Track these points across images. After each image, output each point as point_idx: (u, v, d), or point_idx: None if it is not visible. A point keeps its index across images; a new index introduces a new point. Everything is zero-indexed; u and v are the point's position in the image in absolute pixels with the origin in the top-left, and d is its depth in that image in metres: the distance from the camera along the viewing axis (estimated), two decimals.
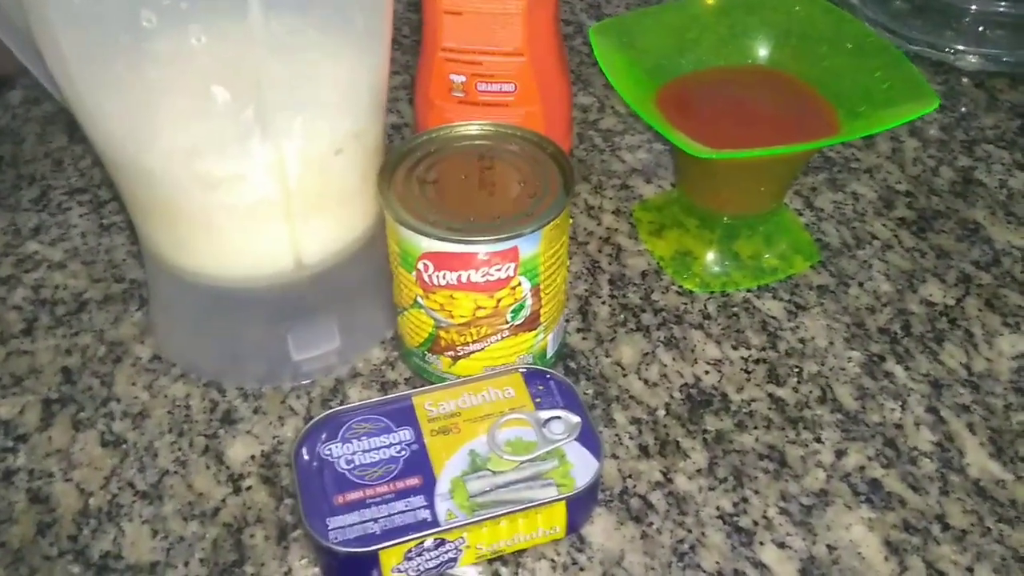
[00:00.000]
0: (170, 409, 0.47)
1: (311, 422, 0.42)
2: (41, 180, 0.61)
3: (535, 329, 0.46)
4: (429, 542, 0.39)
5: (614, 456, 0.45)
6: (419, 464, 0.41)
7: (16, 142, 0.64)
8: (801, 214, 0.58)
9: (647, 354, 0.50)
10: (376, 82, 0.44)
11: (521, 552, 0.41)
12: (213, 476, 0.44)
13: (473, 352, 0.45)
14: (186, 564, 0.41)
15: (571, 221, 0.55)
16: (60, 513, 0.43)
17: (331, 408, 0.47)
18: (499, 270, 0.42)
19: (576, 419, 0.42)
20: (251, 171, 0.40)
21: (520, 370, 0.45)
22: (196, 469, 0.45)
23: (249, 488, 0.44)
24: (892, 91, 0.49)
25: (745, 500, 0.43)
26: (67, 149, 0.63)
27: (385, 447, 0.42)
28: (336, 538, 0.38)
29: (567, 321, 0.51)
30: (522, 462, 0.41)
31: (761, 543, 0.42)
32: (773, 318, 0.52)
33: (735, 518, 0.42)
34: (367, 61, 0.42)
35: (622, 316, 0.52)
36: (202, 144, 0.39)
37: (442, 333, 0.45)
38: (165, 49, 0.36)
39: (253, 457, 0.45)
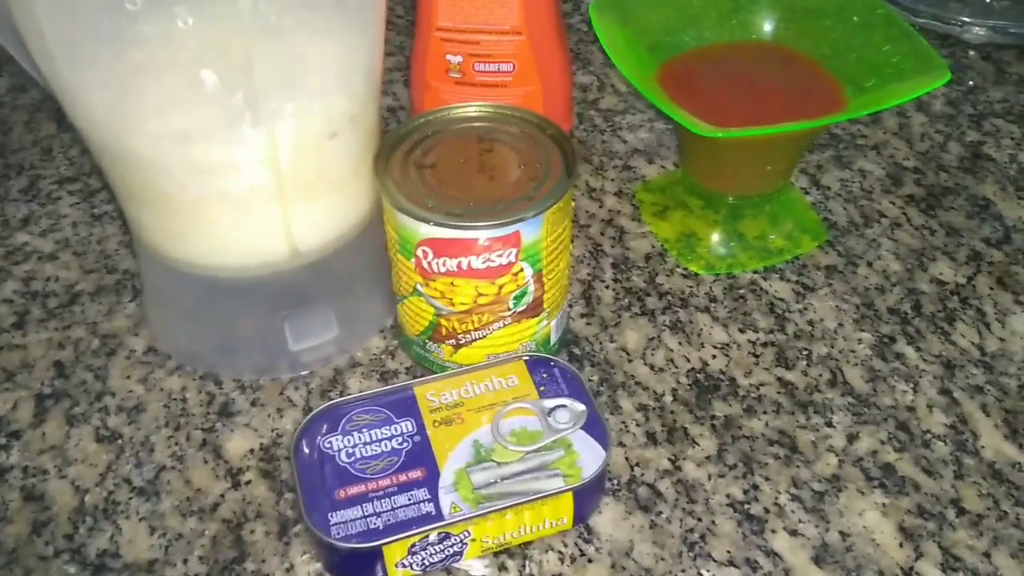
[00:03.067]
0: (166, 403, 0.46)
1: (310, 414, 0.41)
2: (30, 169, 0.60)
3: (538, 316, 0.45)
4: (433, 536, 0.38)
5: (621, 444, 0.44)
6: (422, 456, 0.40)
7: (3, 131, 0.63)
8: (807, 192, 0.57)
9: (652, 339, 0.49)
10: (370, 63, 0.42)
11: (528, 544, 0.40)
12: (211, 471, 0.43)
13: (475, 340, 0.44)
14: (185, 562, 0.40)
15: (573, 204, 0.54)
16: (55, 511, 0.42)
17: (330, 399, 0.46)
18: (500, 256, 0.41)
19: (581, 407, 0.41)
20: (242, 157, 0.39)
21: (523, 358, 0.44)
22: (194, 464, 0.44)
23: (248, 483, 0.43)
24: (901, 64, 0.48)
25: (756, 487, 0.42)
26: (56, 137, 0.62)
27: (387, 439, 0.41)
28: (338, 534, 0.37)
29: (570, 306, 0.50)
30: (527, 452, 0.40)
31: (773, 531, 0.41)
32: (781, 300, 0.51)
33: (746, 506, 0.42)
34: (360, 41, 0.41)
35: (626, 300, 0.51)
36: (191, 130, 0.38)
37: (443, 321, 0.44)
38: (150, 32, 0.35)
39: (252, 451, 0.44)
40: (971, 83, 0.64)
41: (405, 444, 0.40)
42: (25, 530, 0.41)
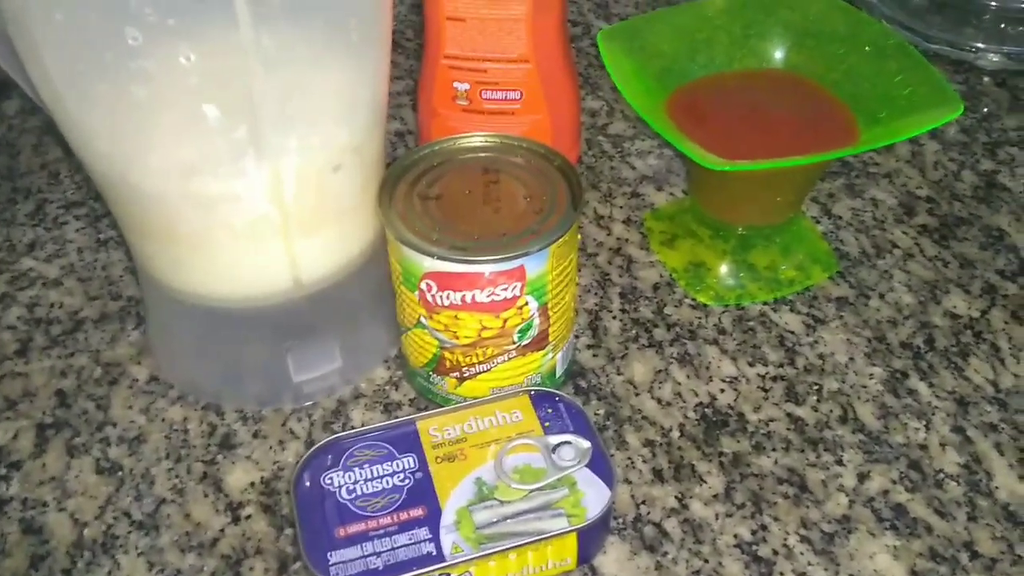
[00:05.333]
0: (167, 433, 0.46)
1: (312, 449, 0.41)
2: (37, 193, 0.60)
3: (543, 349, 0.44)
4: None
5: (627, 481, 0.43)
6: (423, 494, 0.39)
7: (11, 154, 0.63)
8: (818, 222, 0.56)
9: (660, 371, 0.48)
10: (374, 95, 0.42)
11: None
12: (211, 505, 0.43)
13: (479, 373, 0.44)
14: None
15: (579, 236, 0.54)
16: (54, 545, 0.42)
17: (333, 431, 0.45)
18: (505, 290, 0.41)
19: (587, 444, 0.41)
20: (246, 190, 0.39)
21: (528, 392, 0.43)
22: (194, 497, 0.43)
23: (248, 517, 0.42)
24: (913, 96, 0.47)
25: (764, 527, 0.41)
26: (64, 161, 0.62)
27: (388, 475, 0.40)
28: (337, 574, 0.37)
29: (576, 337, 0.49)
30: (531, 491, 0.39)
31: (781, 573, 0.40)
32: (791, 332, 0.50)
33: (754, 547, 0.41)
34: (364, 74, 0.41)
35: (634, 331, 0.50)
36: (194, 163, 0.38)
37: (447, 354, 0.43)
38: (152, 67, 0.34)
39: (253, 484, 0.44)
40: (985, 110, 0.63)
41: (407, 481, 0.40)
42: (23, 564, 0.41)
